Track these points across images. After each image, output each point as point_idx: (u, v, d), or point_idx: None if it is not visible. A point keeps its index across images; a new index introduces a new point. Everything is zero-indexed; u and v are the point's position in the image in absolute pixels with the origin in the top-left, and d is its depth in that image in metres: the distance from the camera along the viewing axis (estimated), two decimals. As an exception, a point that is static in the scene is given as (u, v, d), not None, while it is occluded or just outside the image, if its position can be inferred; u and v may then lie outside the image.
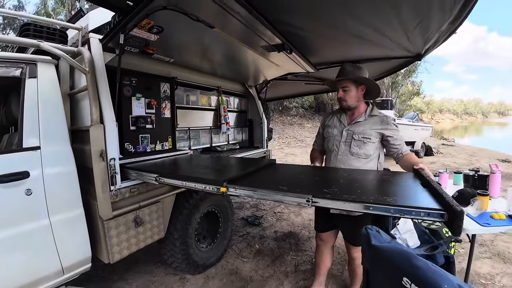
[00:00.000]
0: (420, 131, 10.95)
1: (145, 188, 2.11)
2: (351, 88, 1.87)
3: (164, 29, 1.90)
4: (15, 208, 1.56)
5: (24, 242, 1.59)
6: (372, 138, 1.86)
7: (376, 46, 2.49)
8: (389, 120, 1.90)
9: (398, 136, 1.88)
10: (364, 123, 1.90)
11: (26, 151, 1.63)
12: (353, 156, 1.89)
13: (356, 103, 1.91)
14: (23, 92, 1.67)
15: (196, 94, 3.34)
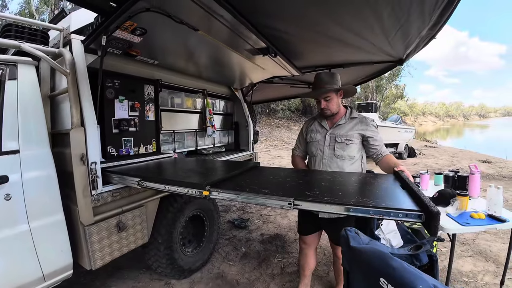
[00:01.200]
0: (403, 133, 11.23)
1: (128, 192, 2.07)
2: (332, 97, 1.93)
3: (147, 31, 1.88)
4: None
5: (3, 248, 1.54)
6: (354, 140, 1.91)
7: (359, 51, 2.54)
8: (368, 121, 1.96)
9: (378, 137, 1.93)
10: (345, 126, 1.96)
11: (5, 154, 1.59)
12: (338, 158, 1.93)
13: (337, 108, 1.98)
14: (2, 94, 1.62)
15: (181, 96, 3.31)
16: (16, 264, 1.59)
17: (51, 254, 1.74)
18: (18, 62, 1.72)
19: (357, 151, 1.93)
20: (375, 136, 1.91)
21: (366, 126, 1.93)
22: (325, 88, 1.92)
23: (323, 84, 1.93)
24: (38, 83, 1.81)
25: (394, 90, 28.01)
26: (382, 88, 25.81)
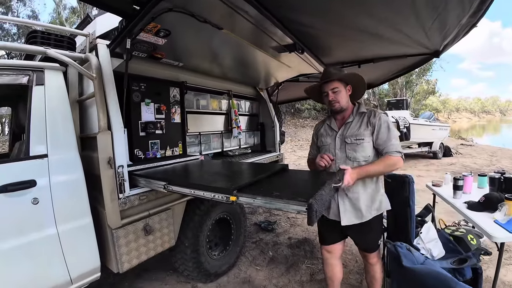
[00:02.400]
0: (438, 131, 10.60)
1: (155, 196, 2.06)
2: (341, 89, 1.75)
3: (171, 32, 1.85)
4: (22, 218, 1.54)
5: (31, 252, 1.56)
6: (366, 138, 1.73)
7: (392, 44, 2.37)
8: (377, 113, 1.76)
9: (383, 131, 1.70)
10: (354, 124, 1.79)
11: (33, 159, 1.61)
12: (352, 161, 1.75)
13: (347, 103, 1.80)
14: (30, 99, 1.65)
15: (206, 98, 3.29)
16: (44, 267, 1.61)
17: (79, 258, 1.76)
18: (45, 68, 1.75)
19: (372, 149, 1.74)
20: (381, 129, 1.70)
21: (375, 119, 1.73)
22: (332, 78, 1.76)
23: (331, 75, 1.76)
24: (65, 88, 1.83)
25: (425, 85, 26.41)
26: (412, 84, 24.49)
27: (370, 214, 1.75)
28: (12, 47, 1.84)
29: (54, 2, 16.47)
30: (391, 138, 1.69)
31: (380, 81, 4.36)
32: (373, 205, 1.76)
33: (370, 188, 1.77)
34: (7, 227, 1.49)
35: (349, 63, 3.07)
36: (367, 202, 1.76)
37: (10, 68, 1.64)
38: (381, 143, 1.70)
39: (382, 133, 1.69)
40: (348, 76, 1.78)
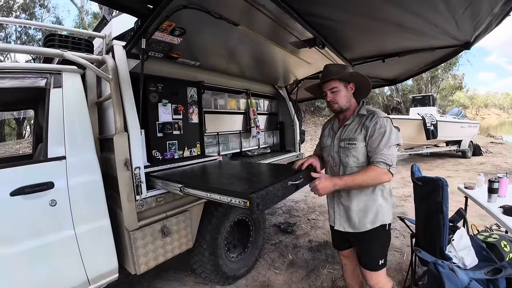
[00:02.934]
0: (467, 129, 10.03)
1: (172, 197, 2.03)
2: (340, 88, 1.61)
3: (186, 30, 1.81)
4: (40, 219, 1.55)
5: (48, 253, 1.57)
6: (358, 142, 1.56)
7: (418, 35, 2.20)
8: (375, 116, 1.55)
9: (376, 136, 1.50)
10: (351, 127, 1.62)
11: (51, 161, 1.62)
12: (345, 166, 1.62)
13: (347, 103, 1.64)
14: (48, 102, 1.67)
15: (224, 97, 3.24)
16: (61, 268, 1.63)
17: (96, 259, 1.76)
18: (62, 70, 1.76)
19: (365, 156, 1.56)
20: (374, 134, 1.51)
21: (370, 123, 1.53)
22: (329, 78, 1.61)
23: (330, 75, 1.62)
24: (83, 90, 1.84)
25: (452, 80, 25.01)
26: (438, 79, 23.28)
27: (365, 227, 1.59)
28: (30, 51, 1.87)
29: (77, 8, 17.14)
30: (383, 146, 1.48)
31: (406, 77, 4.14)
32: (366, 217, 1.58)
33: (363, 197, 1.59)
34: (25, 228, 1.51)
35: (372, 57, 2.91)
36: (359, 212, 1.59)
37: (28, 72, 1.67)
38: (371, 150, 1.52)
39: (374, 139, 1.50)
40: (350, 75, 1.62)
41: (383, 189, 1.61)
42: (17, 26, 13.89)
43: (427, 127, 8.13)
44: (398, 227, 3.67)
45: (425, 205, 1.86)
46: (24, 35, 14.45)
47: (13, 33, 14.46)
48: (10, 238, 1.47)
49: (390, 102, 24.47)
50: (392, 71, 3.72)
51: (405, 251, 3.01)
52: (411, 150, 8.45)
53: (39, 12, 14.70)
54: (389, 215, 1.62)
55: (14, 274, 1.48)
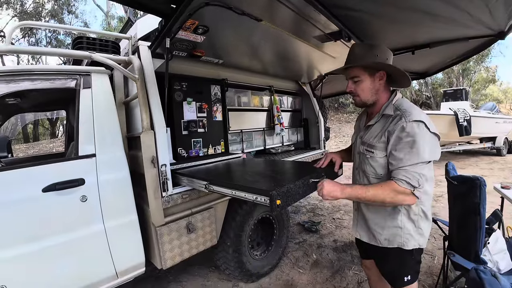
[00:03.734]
0: (502, 125, 9.34)
1: (197, 194, 2.06)
2: (363, 78, 1.31)
3: (209, 28, 1.81)
4: (71, 215, 1.62)
5: (79, 247, 1.64)
6: (377, 152, 1.29)
7: (450, 24, 2.06)
8: (402, 120, 1.20)
9: (402, 147, 1.18)
10: (374, 128, 1.35)
11: (82, 158, 1.69)
12: (363, 174, 1.40)
13: (373, 97, 1.34)
14: (78, 102, 1.74)
15: (247, 95, 3.24)
16: (91, 262, 1.69)
17: (124, 253, 1.82)
18: (91, 71, 1.83)
19: (385, 168, 1.29)
20: (398, 143, 1.19)
21: (394, 126, 1.22)
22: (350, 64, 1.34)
23: (351, 60, 1.35)
24: (111, 90, 1.90)
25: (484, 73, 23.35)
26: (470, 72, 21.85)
27: (380, 242, 1.37)
28: (61, 53, 1.96)
29: (103, 12, 17.84)
30: (408, 159, 1.16)
31: (437, 69, 3.90)
32: (383, 233, 1.35)
33: (382, 210, 1.35)
34: (56, 223, 1.58)
35: (401, 49, 2.77)
36: (375, 226, 1.37)
37: (59, 73, 1.74)
38: (392, 163, 1.22)
39: (398, 150, 1.19)
40: (373, 64, 1.30)
41: (409, 209, 1.29)
42: (47, 31, 14.64)
43: (459, 123, 7.67)
44: None
45: (460, 205, 1.75)
46: (54, 40, 15.23)
47: (43, 39, 15.29)
48: (42, 233, 1.54)
49: (419, 97, 23.38)
50: (422, 63, 3.52)
51: (436, 254, 2.87)
52: (443, 148, 8.03)
53: (67, 18, 15.43)
54: (417, 241, 1.31)
55: (46, 268, 1.55)
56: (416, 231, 1.30)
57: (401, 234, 1.30)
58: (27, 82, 1.66)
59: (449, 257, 1.78)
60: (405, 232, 1.30)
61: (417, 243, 1.31)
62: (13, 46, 1.69)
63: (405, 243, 1.30)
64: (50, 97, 2.34)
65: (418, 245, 1.31)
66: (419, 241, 1.31)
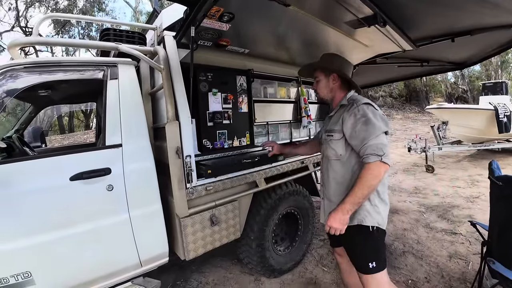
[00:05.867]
0: None
1: (222, 186, 2.04)
2: (321, 78, 1.67)
3: (235, 15, 1.74)
4: (97, 203, 1.66)
5: (105, 235, 1.68)
6: (335, 134, 1.54)
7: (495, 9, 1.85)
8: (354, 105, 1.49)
9: (358, 127, 1.41)
10: (334, 118, 1.62)
11: (109, 148, 1.71)
12: (326, 158, 1.64)
13: (329, 94, 1.67)
14: (105, 93, 1.76)
15: (274, 86, 3.14)
16: (116, 250, 1.73)
17: (148, 242, 1.84)
18: (118, 63, 1.84)
19: (343, 148, 1.51)
20: (352, 127, 1.44)
21: (347, 113, 1.49)
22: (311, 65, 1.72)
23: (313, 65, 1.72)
24: (138, 81, 1.91)
25: None
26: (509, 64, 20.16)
27: None
28: (87, 45, 1.99)
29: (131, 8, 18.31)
30: (368, 136, 1.37)
31: (476, 60, 3.56)
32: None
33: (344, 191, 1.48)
34: (83, 211, 1.62)
35: (439, 36, 2.55)
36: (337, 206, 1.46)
37: (87, 65, 1.77)
38: (357, 144, 1.42)
39: (358, 130, 1.41)
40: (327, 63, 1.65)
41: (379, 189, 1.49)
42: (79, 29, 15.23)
43: (499, 119, 7.08)
44: (463, 231, 3.28)
45: (504, 208, 1.59)
46: (87, 36, 15.88)
47: (76, 35, 15.98)
48: (68, 220, 1.58)
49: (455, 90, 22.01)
50: (461, 52, 3.24)
51: (471, 260, 2.68)
52: (480, 145, 7.47)
53: (98, 15, 16.00)
54: (375, 219, 1.47)
55: (71, 255, 1.59)
56: (372, 208, 1.46)
57: (359, 211, 1.44)
58: (56, 73, 1.70)
59: (487, 264, 1.63)
60: (362, 209, 1.44)
61: (376, 221, 1.46)
62: (40, 37, 1.74)
63: (363, 219, 1.45)
64: (80, 89, 2.41)
65: (377, 223, 1.46)
66: (377, 220, 1.46)
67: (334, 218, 1.38)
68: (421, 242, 3.11)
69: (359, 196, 1.35)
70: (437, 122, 8.48)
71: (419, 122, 16.82)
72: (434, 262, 2.66)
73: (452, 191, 5.02)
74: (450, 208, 4.13)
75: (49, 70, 1.68)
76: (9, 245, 1.43)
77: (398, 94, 19.26)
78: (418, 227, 3.52)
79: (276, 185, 2.45)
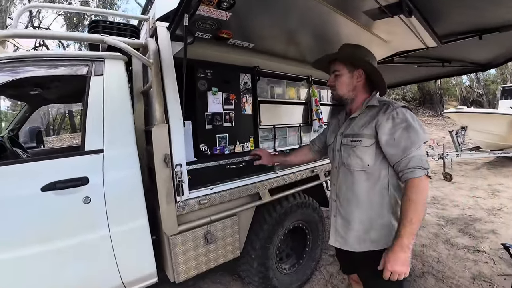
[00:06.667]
0: None
1: (218, 200, 1.78)
2: (343, 72, 1.36)
3: (235, 2, 1.49)
4: (72, 218, 1.45)
5: (81, 254, 1.48)
6: (364, 140, 1.26)
7: None
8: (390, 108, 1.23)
9: (397, 136, 1.17)
10: (359, 119, 1.34)
11: (88, 154, 1.50)
12: (347, 168, 1.33)
13: (350, 93, 1.37)
14: (87, 91, 1.55)
15: (282, 85, 2.87)
16: (94, 270, 1.53)
17: (132, 261, 1.63)
18: (105, 57, 1.63)
19: (373, 156, 1.24)
20: (390, 133, 1.19)
21: (383, 116, 1.22)
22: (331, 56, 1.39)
23: (335, 54, 1.39)
24: (126, 78, 1.70)
25: None
26: None
27: (359, 245, 1.29)
28: (71, 37, 1.78)
29: (142, 8, 18.32)
30: (410, 145, 1.15)
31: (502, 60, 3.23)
32: (368, 234, 1.27)
33: (368, 210, 1.27)
34: (55, 226, 1.42)
35: (465, 33, 2.25)
36: (360, 227, 1.29)
37: (70, 59, 1.57)
38: (395, 154, 1.18)
39: (397, 138, 1.17)
40: (352, 55, 1.34)
41: (396, 206, 1.25)
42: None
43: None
44: (487, 248, 3.00)
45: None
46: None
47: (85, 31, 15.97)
48: (40, 236, 1.39)
49: (470, 94, 21.34)
50: (486, 52, 2.92)
51: (495, 282, 2.43)
52: (500, 152, 7.02)
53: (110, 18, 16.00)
54: None
55: (43, 274, 1.40)
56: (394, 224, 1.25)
57: (389, 231, 1.24)
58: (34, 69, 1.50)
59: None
60: (391, 228, 1.24)
61: None
62: (18, 30, 1.54)
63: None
64: (67, 87, 2.20)
65: None
66: None
67: (394, 260, 1.11)
68: (441, 261, 2.82)
69: (415, 222, 1.11)
70: (453, 127, 8.08)
71: (433, 126, 16.29)
72: (457, 285, 2.39)
73: (473, 201, 4.69)
74: (471, 222, 3.82)
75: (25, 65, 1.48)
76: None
77: (412, 97, 18.73)
78: (438, 243, 3.21)
79: (282, 197, 2.18)
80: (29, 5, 1.75)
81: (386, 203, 1.25)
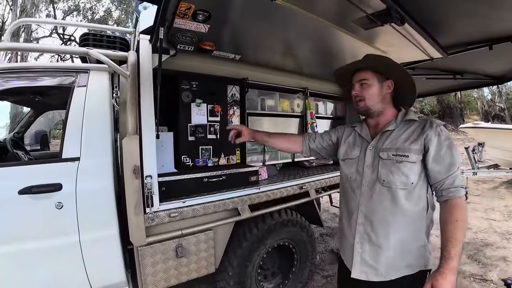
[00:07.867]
0: None
1: (191, 213, 1.74)
2: (372, 82, 1.25)
3: (211, 14, 1.48)
4: (44, 221, 1.52)
5: (50, 257, 1.53)
6: (412, 156, 1.15)
7: None
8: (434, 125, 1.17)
9: (443, 153, 1.12)
10: (396, 134, 1.23)
11: (64, 161, 1.57)
12: (385, 186, 1.18)
13: (379, 104, 1.27)
14: (70, 101, 1.64)
15: (274, 97, 2.82)
16: (63, 275, 1.57)
17: (101, 269, 1.65)
18: (91, 69, 1.73)
19: (416, 174, 1.16)
20: (437, 149, 1.13)
21: (432, 131, 1.15)
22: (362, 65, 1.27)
23: (361, 62, 1.27)
24: (109, 89, 1.78)
25: None
26: None
27: (395, 273, 1.17)
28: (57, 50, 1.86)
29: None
30: (453, 163, 1.12)
31: None
32: (403, 259, 1.17)
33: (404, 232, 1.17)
34: (29, 228, 1.49)
35: (474, 43, 2.11)
36: (393, 252, 1.17)
37: (57, 71, 1.69)
38: (440, 172, 1.12)
39: (443, 155, 1.12)
40: (388, 68, 1.25)
41: (430, 224, 1.21)
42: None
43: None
44: (495, 278, 2.80)
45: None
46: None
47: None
48: (14, 236, 1.46)
49: (492, 108, 20.44)
50: (501, 64, 2.75)
51: None
52: None
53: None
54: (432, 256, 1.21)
55: (14, 274, 1.47)
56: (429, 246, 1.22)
57: (423, 253, 1.19)
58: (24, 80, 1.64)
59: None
60: (426, 249, 1.19)
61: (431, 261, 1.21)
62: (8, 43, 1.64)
63: (428, 261, 1.19)
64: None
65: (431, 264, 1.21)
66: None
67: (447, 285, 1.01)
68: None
69: (461, 243, 1.06)
70: (472, 143, 7.68)
71: (454, 142, 15.61)
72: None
73: (487, 224, 4.36)
74: (482, 247, 3.54)
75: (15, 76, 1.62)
76: None
77: (430, 110, 18.09)
78: (444, 269, 2.99)
79: (266, 213, 2.11)
80: (21, 20, 1.84)
81: (424, 224, 1.19)
